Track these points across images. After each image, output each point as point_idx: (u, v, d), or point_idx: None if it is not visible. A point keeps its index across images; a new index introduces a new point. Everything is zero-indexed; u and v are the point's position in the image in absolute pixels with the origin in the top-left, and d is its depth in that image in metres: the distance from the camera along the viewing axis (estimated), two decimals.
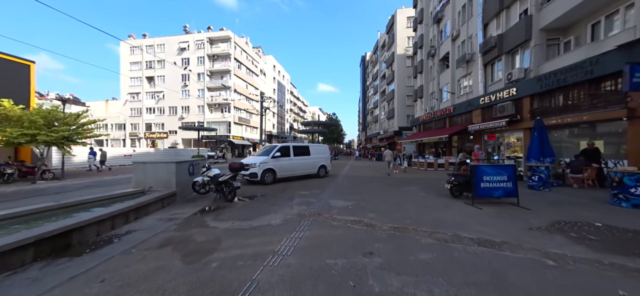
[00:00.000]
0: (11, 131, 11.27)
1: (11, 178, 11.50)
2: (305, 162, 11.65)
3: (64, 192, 9.23)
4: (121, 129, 45.97)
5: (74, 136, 13.28)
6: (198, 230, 4.32)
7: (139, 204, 4.98)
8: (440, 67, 21.89)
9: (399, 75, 33.66)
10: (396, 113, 33.93)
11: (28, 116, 11.68)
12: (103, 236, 3.98)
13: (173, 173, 6.56)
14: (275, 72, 60.75)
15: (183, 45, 42.77)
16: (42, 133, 11.83)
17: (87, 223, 3.75)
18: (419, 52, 26.85)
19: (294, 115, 78.39)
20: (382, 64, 42.59)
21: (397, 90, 33.82)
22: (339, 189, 8.90)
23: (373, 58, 52.16)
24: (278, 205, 6.39)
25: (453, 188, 6.67)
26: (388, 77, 37.36)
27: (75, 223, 3.58)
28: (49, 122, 12.23)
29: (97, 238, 3.88)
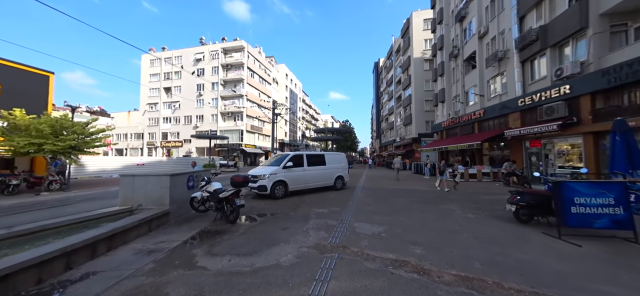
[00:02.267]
0: (18, 140, 10.99)
1: (16, 190, 11.12)
2: (321, 173, 10.34)
3: (63, 205, 8.52)
4: (140, 138, 47.34)
5: (82, 145, 12.93)
6: (179, 275, 3.09)
7: (113, 231, 3.88)
8: (464, 68, 20.07)
9: (416, 80, 31.92)
10: (414, 120, 31.98)
11: (35, 125, 11.39)
12: (46, 283, 2.86)
13: (167, 189, 5.49)
14: (288, 80, 60.83)
15: (199, 56, 43.79)
16: (49, 142, 11.47)
17: (16, 268, 2.63)
18: (438, 54, 25.16)
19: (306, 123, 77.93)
20: (397, 69, 41.01)
21: (414, 95, 32.02)
22: (361, 206, 7.46)
23: (387, 63, 50.71)
24: (290, 229, 5.09)
25: (520, 210, 5.04)
26: (404, 82, 35.68)
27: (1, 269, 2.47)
28: (56, 131, 11.90)
29: (34, 290, 2.75)
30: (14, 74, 13.75)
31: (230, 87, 42.23)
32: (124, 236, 4.13)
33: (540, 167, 12.08)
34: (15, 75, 13.77)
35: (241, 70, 42.08)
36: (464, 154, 19.03)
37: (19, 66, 14.02)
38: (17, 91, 13.56)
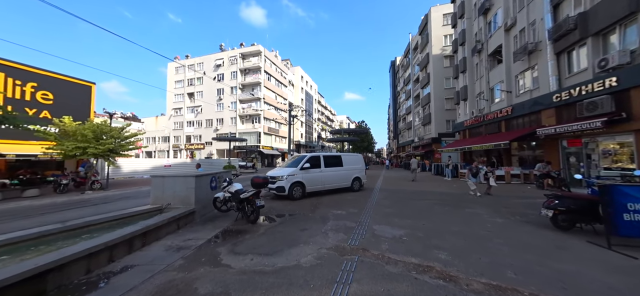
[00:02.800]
0: (67, 144, 12.27)
1: (66, 188, 12.40)
2: (338, 174, 10.31)
3: (103, 203, 9.34)
4: (167, 141, 50.55)
5: (119, 148, 14.11)
6: (206, 271, 3.25)
7: (147, 228, 4.18)
8: (489, 63, 18.91)
9: (436, 77, 30.67)
10: (433, 119, 30.75)
11: (80, 130, 12.64)
12: (93, 274, 3.16)
13: (192, 189, 5.81)
14: (303, 82, 61.47)
15: (219, 62, 45.82)
16: (92, 146, 12.68)
17: (71, 259, 2.94)
18: (460, 50, 23.97)
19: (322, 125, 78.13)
20: (415, 67, 39.72)
21: (433, 93, 30.79)
22: (380, 208, 7.31)
23: (404, 62, 49.34)
24: (309, 230, 5.13)
25: (558, 216, 4.63)
26: (422, 80, 34.44)
27: (54, 260, 2.79)
28: (97, 135, 13.10)
29: (85, 278, 3.05)
30: (64, 85, 15.36)
31: (248, 91, 43.64)
32: (156, 233, 4.43)
33: (581, 169, 11.00)
34: (64, 86, 15.37)
35: (258, 74, 43.31)
36: (489, 155, 17.90)
37: (67, 78, 15.63)
38: (66, 100, 15.15)
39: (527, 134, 13.43)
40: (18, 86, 13.35)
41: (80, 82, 16.52)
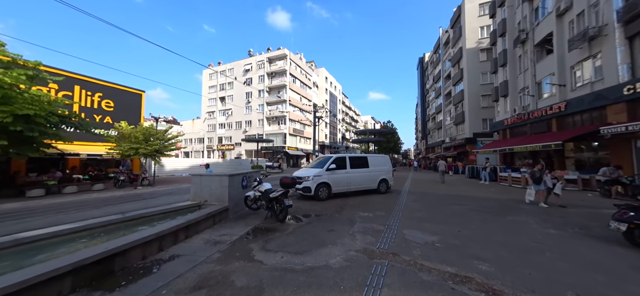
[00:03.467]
0: (124, 145, 14.11)
1: (122, 184, 14.22)
2: (364, 175, 10.14)
3: (152, 197, 10.49)
4: (201, 142, 54.88)
5: (163, 149, 15.75)
6: (241, 266, 3.45)
7: (188, 222, 4.59)
8: (536, 55, 16.90)
9: (470, 73, 28.35)
10: (467, 118, 28.45)
11: (133, 133, 14.42)
12: (148, 260, 3.56)
13: (226, 187, 6.21)
14: (327, 83, 61.74)
15: (247, 66, 48.35)
16: (142, 147, 14.38)
17: (131, 245, 3.37)
18: (499, 42, 21.82)
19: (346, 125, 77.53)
20: (446, 63, 37.24)
21: (467, 90, 28.51)
22: (409, 212, 7.00)
23: (433, 58, 46.57)
24: (336, 231, 5.13)
25: (635, 231, 3.93)
26: (454, 76, 32.12)
27: (119, 246, 3.22)
28: (146, 137, 14.79)
29: (141, 263, 3.46)
30: (121, 94, 17.61)
31: (274, 93, 45.27)
32: (196, 227, 4.84)
33: None
34: (121, 95, 17.62)
35: (284, 77, 44.65)
36: (535, 156, 15.97)
37: (123, 88, 17.89)
38: (122, 107, 17.36)
39: (587, 133, 11.71)
40: (89, 96, 15.67)
41: (133, 90, 18.76)
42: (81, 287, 2.79)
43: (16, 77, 9.00)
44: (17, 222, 6.34)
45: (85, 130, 11.61)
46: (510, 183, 13.79)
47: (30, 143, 9.67)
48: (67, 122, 10.98)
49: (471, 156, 25.68)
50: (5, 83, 8.48)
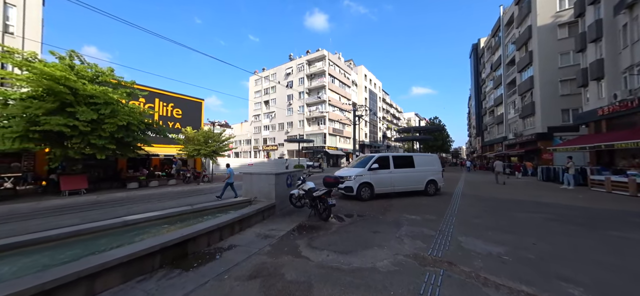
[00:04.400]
0: (189, 147, 16.59)
1: (189, 180, 16.72)
2: (409, 176, 9.52)
3: (211, 193, 12.02)
4: (249, 144, 60.19)
5: (219, 150, 17.89)
6: (289, 260, 3.65)
7: (242, 216, 5.08)
8: None
9: (543, 55, 23.63)
10: (539, 109, 23.81)
11: (196, 136, 16.82)
12: (212, 247, 4.10)
13: (273, 185, 6.66)
14: (367, 81, 60.18)
15: (288, 70, 50.82)
16: (203, 148, 16.65)
17: (199, 233, 3.93)
18: (590, 11, 17.51)
19: (387, 123, 74.14)
20: (509, 47, 31.92)
21: (539, 76, 23.86)
22: (465, 217, 6.26)
23: (491, 43, 40.46)
24: (381, 233, 4.96)
25: None
26: (521, 61, 27.26)
27: (192, 233, 3.79)
28: (206, 140, 17.05)
29: (207, 249, 4.00)
30: (187, 103, 20.68)
31: (314, 94, 46.42)
32: (248, 221, 5.33)
33: None
34: (187, 103, 20.68)
35: (323, 78, 45.36)
36: None
37: (188, 97, 20.95)
38: (188, 114, 20.36)
39: None
40: (164, 106, 18.88)
41: (194, 99, 21.76)
42: (166, 265, 3.38)
43: (120, 94, 11.54)
44: (123, 208, 8.10)
45: (163, 135, 14.20)
46: (608, 189, 10.95)
47: (128, 146, 12.24)
48: (151, 128, 13.61)
49: (545, 154, 21.43)
50: (114, 100, 10.94)
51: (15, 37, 13.41)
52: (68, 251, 3.63)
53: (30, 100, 9.38)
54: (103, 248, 3.78)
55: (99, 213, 7.22)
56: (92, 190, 12.28)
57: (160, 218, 5.08)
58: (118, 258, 2.82)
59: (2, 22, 13.16)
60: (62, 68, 9.83)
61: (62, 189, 10.86)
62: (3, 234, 4.52)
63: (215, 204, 6.35)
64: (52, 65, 9.76)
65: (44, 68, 9.22)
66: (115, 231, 4.35)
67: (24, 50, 10.98)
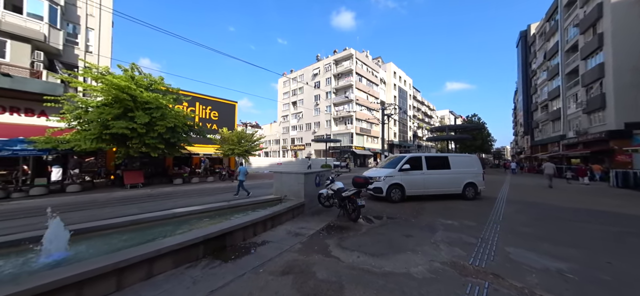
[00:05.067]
0: (225, 147, 17.90)
1: (224, 178, 18.04)
2: (444, 178, 8.88)
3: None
4: (277, 143, 62.48)
5: (251, 149, 18.95)
6: (320, 259, 3.69)
7: (274, 213, 5.30)
8: None
9: (618, 36, 19.92)
10: (611, 102, 20.16)
11: (231, 137, 18.06)
12: (246, 242, 4.36)
13: (302, 184, 6.80)
14: (396, 78, 57.83)
15: (315, 71, 51.42)
16: (236, 148, 17.81)
17: (236, 228, 4.21)
18: None
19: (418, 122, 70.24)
20: (570, 30, 27.63)
21: (611, 62, 20.18)
22: (512, 225, 5.62)
23: (545, 28, 35.44)
24: (414, 237, 4.72)
25: None
26: (587, 46, 23.36)
27: (229, 227, 4.08)
28: (239, 140, 18.21)
29: (242, 243, 4.26)
30: (222, 105, 22.30)
31: (341, 94, 46.21)
32: (279, 218, 5.53)
33: None
34: (222, 106, 22.30)
35: (350, 77, 44.88)
36: None
37: (223, 101, 22.57)
38: (223, 116, 21.94)
39: None
40: (203, 109, 20.66)
41: (229, 102, 23.33)
42: (208, 255, 3.70)
43: (168, 100, 12.97)
44: (171, 201, 9.09)
45: (203, 136, 15.59)
46: None
47: (174, 146, 13.69)
48: (193, 130, 15.04)
49: (620, 156, 18.07)
50: (163, 104, 12.34)
51: (93, 54, 16.00)
52: (130, 236, 4.20)
53: (103, 107, 11.10)
54: (156, 236, 4.29)
55: (152, 205, 8.23)
56: (147, 184, 14.00)
57: (202, 212, 5.58)
58: (169, 246, 3.18)
59: (85, 43, 15.82)
60: (125, 79, 11.47)
61: (125, 183, 12.63)
62: (87, 219, 5.44)
63: (248, 201, 6.73)
64: (118, 76, 11.45)
65: (112, 79, 10.89)
66: (165, 222, 4.90)
67: (99, 64, 13.09)
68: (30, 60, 13.03)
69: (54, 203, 8.63)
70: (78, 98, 11.65)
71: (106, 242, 3.96)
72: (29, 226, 5.02)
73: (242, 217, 4.84)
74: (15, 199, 9.44)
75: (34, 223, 5.73)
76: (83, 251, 3.58)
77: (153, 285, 2.85)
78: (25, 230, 3.98)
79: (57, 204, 8.45)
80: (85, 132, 11.01)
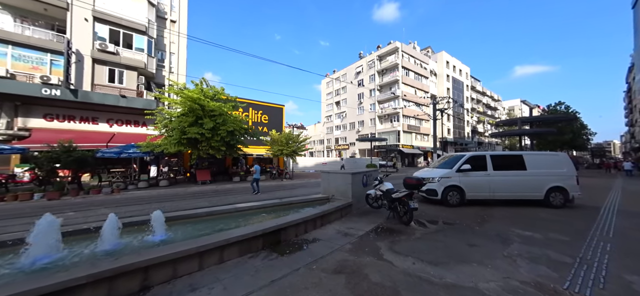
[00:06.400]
0: (274, 148, 19.32)
1: (274, 177, 19.50)
2: (518, 180, 7.49)
3: (293, 188, 13.56)
4: (321, 144, 63.87)
5: (297, 150, 19.92)
6: (371, 261, 3.61)
7: (323, 212, 5.43)
8: None
9: None
10: None
11: (279, 138, 19.37)
12: (298, 238, 4.60)
13: (349, 184, 6.77)
14: (449, 68, 51.78)
15: (358, 69, 50.48)
16: (285, 148, 19.00)
17: (289, 224, 4.49)
18: None
19: (478, 115, 61.25)
20: None
21: None
22: (632, 244, 4.32)
23: None
24: (480, 247, 4.14)
25: None
26: None
27: (283, 223, 4.38)
28: (287, 141, 19.36)
29: (295, 239, 4.52)
30: (271, 109, 24.11)
31: (386, 91, 44.13)
32: (328, 217, 5.64)
33: None
34: (271, 110, 24.10)
35: (396, 72, 42.42)
36: None
37: (272, 105, 24.36)
38: (272, 119, 23.71)
39: None
40: (255, 114, 22.79)
41: (277, 106, 24.99)
42: (266, 248, 4.06)
43: (228, 107, 14.82)
44: (232, 196, 10.36)
45: (257, 138, 17.20)
46: None
47: (233, 148, 15.52)
48: (248, 133, 16.77)
49: None
50: (224, 111, 14.17)
51: (174, 73, 19.62)
52: (202, 226, 4.96)
53: (181, 116, 13.47)
54: (223, 227, 4.94)
55: (218, 199, 9.54)
56: (212, 181, 16.31)
57: (259, 208, 6.16)
58: (236, 236, 3.62)
59: (168, 65, 19.57)
60: (197, 92, 13.67)
61: (198, 180, 15.03)
62: (175, 208, 6.72)
63: (298, 199, 7.09)
64: (191, 90, 13.72)
65: (188, 93, 13.16)
66: (229, 215, 5.60)
67: (178, 82, 15.99)
68: (136, 84, 16.82)
69: (152, 195, 10.93)
70: (165, 110, 14.47)
71: (186, 229, 4.78)
72: (141, 212, 6.49)
73: (294, 214, 5.13)
74: (130, 191, 12.31)
75: (144, 209, 7.37)
76: (172, 236, 4.41)
77: (224, 269, 3.30)
78: (138, 214, 5.16)
79: (154, 195, 10.67)
80: (170, 137, 13.54)
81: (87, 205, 8.48)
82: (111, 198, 10.12)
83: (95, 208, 7.96)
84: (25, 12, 14.79)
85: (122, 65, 16.18)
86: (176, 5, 20.17)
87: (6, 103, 13.32)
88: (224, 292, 2.78)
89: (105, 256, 3.42)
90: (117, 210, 4.53)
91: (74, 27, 14.92)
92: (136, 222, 4.51)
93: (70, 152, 10.76)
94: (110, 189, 11.40)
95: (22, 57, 13.36)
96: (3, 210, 7.78)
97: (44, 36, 14.50)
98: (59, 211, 3.40)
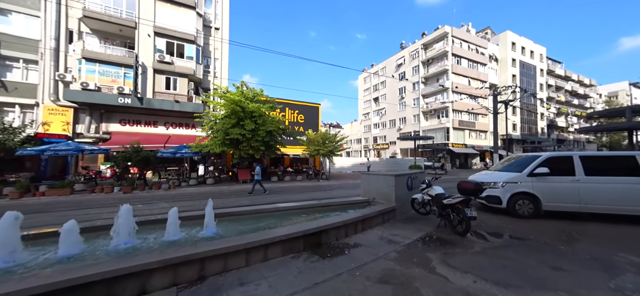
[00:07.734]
0: (311, 147, 19.63)
1: (311, 177, 19.84)
2: (624, 189, 5.77)
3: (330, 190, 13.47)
4: (359, 143, 62.41)
5: (334, 150, 19.82)
6: (422, 274, 3.21)
7: (365, 216, 5.16)
8: None
9: None
10: None
11: (315, 138, 19.58)
12: (339, 242, 4.45)
13: (392, 187, 6.30)
14: (516, 51, 44.16)
15: (400, 61, 47.41)
16: (321, 148, 19.11)
17: (330, 227, 4.38)
18: None
19: (558, 106, 50.73)
20: None
21: None
22: None
23: None
24: (568, 271, 3.30)
25: None
26: None
27: (324, 225, 4.31)
28: (324, 141, 19.45)
29: (335, 243, 4.38)
30: (307, 109, 24.51)
31: (432, 83, 40.40)
32: (369, 221, 5.33)
33: None
34: (307, 109, 24.48)
35: (444, 61, 38.40)
36: None
37: (307, 104, 24.70)
38: (308, 118, 24.07)
39: None
40: (291, 113, 23.50)
41: (312, 105, 25.22)
42: (307, 249, 4.03)
43: (267, 108, 15.71)
44: (271, 196, 10.87)
45: (294, 138, 17.79)
46: None
47: (271, 148, 16.34)
48: (285, 133, 17.45)
49: None
50: (263, 112, 15.05)
51: (218, 78, 21.76)
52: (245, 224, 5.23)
53: (224, 118, 14.79)
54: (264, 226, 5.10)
55: (258, 198, 10.13)
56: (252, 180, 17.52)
57: (298, 208, 6.24)
58: (279, 236, 3.68)
59: (213, 71, 21.82)
60: (238, 94, 14.87)
61: (239, 179, 16.35)
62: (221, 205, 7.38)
63: (337, 201, 6.95)
64: (233, 93, 14.96)
65: (230, 96, 14.44)
66: (270, 214, 5.81)
67: (221, 85, 17.65)
68: (187, 89, 19.19)
69: (201, 192, 12.31)
70: (211, 113, 16.13)
71: (232, 225, 5.11)
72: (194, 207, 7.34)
73: (335, 216, 5.00)
74: (183, 187, 14.15)
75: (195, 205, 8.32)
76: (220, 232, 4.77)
77: (268, 267, 3.38)
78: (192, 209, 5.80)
79: (202, 192, 11.99)
80: (215, 138, 15.01)
81: (150, 199, 10.07)
82: (168, 194, 11.79)
83: (157, 202, 9.39)
84: (107, 34, 17.94)
85: (176, 73, 18.48)
86: (219, 14, 21.95)
87: (95, 111, 16.63)
88: (270, 290, 2.83)
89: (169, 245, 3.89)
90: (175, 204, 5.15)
91: (140, 43, 17.54)
92: (192, 216, 5.03)
93: (138, 152, 13.07)
94: (168, 185, 13.32)
95: (106, 72, 16.39)
96: (96, 200, 9.94)
97: (120, 53, 17.33)
98: (132, 203, 4.07)
